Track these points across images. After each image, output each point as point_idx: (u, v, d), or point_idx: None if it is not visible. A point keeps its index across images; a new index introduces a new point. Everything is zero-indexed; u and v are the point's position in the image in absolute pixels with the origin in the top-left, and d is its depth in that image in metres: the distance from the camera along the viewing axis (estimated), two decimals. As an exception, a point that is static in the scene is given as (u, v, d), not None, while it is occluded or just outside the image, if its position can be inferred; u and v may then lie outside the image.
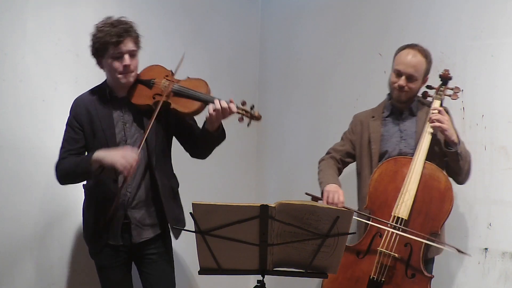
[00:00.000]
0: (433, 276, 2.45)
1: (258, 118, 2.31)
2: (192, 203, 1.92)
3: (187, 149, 2.56)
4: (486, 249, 2.80)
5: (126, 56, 2.31)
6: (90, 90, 2.48)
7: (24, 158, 2.72)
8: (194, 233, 1.96)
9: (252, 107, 2.33)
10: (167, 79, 2.41)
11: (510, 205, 2.73)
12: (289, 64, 3.76)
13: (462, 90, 2.83)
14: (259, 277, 2.08)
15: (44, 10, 2.77)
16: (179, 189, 2.61)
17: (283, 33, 3.80)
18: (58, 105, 2.82)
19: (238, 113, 2.30)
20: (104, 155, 2.26)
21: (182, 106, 2.34)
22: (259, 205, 1.90)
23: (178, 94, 2.36)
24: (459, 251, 2.40)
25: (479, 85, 2.84)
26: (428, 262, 2.55)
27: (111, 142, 2.37)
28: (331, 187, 2.51)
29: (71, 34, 2.87)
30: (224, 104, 2.27)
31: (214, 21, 3.62)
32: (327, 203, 2.46)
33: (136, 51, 2.37)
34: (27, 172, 2.73)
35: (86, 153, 2.44)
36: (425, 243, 2.41)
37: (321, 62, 3.57)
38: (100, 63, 2.38)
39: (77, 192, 2.90)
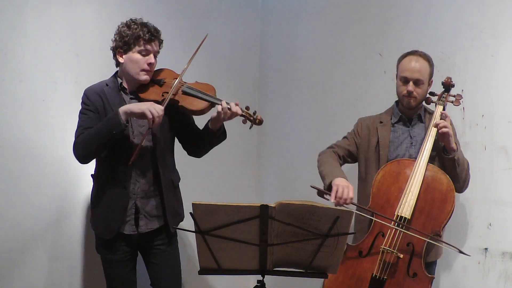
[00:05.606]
0: (434, 277, 2.47)
1: (259, 122, 2.47)
2: (192, 203, 1.92)
3: (185, 147, 2.68)
4: (486, 249, 2.80)
5: (152, 55, 2.47)
6: (99, 82, 2.55)
7: (24, 158, 2.72)
8: (194, 233, 1.96)
9: (254, 112, 2.48)
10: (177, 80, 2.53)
11: (510, 205, 2.73)
12: (289, 64, 3.76)
13: (462, 90, 2.83)
14: (259, 277, 2.08)
15: (44, 10, 2.77)
16: (180, 184, 2.67)
17: (283, 33, 3.80)
18: (58, 105, 2.82)
19: (242, 115, 2.45)
20: (133, 106, 2.35)
21: (189, 104, 2.47)
22: (259, 205, 1.91)
23: (187, 93, 2.50)
24: (460, 251, 2.41)
25: (479, 85, 2.83)
26: (429, 266, 2.55)
27: None
28: (341, 181, 2.45)
29: (71, 34, 2.87)
30: (232, 105, 2.41)
31: (214, 21, 3.61)
32: (336, 197, 2.41)
33: (158, 53, 2.53)
34: (27, 172, 2.73)
35: None
36: (427, 243, 2.43)
37: (321, 62, 3.57)
38: (120, 56, 2.46)
39: (76, 192, 2.91)
